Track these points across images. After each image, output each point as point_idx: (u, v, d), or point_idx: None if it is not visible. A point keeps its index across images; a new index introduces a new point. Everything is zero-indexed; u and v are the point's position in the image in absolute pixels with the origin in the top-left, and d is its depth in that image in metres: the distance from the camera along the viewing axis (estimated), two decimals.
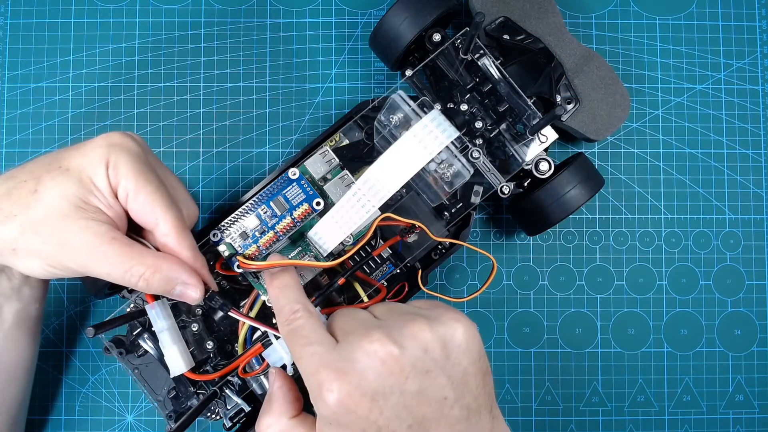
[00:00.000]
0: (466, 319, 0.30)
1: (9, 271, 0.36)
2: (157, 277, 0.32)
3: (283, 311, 0.32)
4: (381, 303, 0.33)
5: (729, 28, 0.47)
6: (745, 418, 0.45)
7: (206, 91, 0.46)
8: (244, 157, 0.46)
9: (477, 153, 0.40)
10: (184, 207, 0.35)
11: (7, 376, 0.38)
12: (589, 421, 0.45)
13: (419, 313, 0.30)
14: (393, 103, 0.37)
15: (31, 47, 0.46)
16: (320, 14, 0.46)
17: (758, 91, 0.47)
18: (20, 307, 0.37)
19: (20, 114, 0.46)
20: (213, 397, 0.37)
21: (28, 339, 0.38)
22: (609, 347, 0.45)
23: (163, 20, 0.46)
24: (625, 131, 0.46)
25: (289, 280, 0.33)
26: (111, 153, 0.32)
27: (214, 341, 0.38)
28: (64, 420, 0.44)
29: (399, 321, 0.29)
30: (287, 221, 0.36)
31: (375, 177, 0.35)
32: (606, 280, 0.46)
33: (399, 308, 0.31)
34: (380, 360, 0.27)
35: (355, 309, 0.32)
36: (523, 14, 0.42)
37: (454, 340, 0.29)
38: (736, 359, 0.46)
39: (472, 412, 0.28)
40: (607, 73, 0.42)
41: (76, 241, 0.31)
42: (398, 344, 0.28)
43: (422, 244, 0.39)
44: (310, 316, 0.31)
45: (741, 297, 0.46)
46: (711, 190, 0.46)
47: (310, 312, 0.31)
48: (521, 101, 0.40)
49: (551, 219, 0.40)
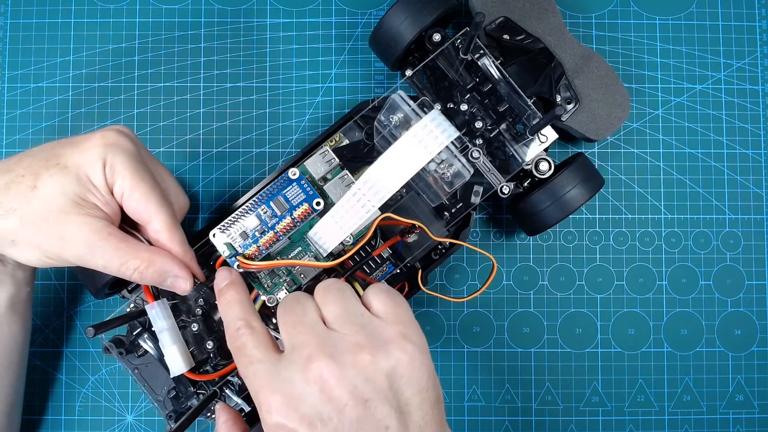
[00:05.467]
0: (416, 345, 0.29)
1: (3, 256, 0.36)
2: (151, 270, 0.34)
3: (228, 328, 0.31)
4: (347, 300, 0.31)
5: (729, 28, 0.47)
6: (745, 418, 0.45)
7: (206, 91, 0.46)
8: (244, 157, 0.46)
9: (477, 153, 0.40)
10: (175, 200, 0.37)
11: (2, 362, 0.38)
12: (589, 421, 0.45)
13: (370, 334, 0.29)
14: (393, 103, 0.37)
15: (31, 47, 0.46)
16: (320, 14, 0.46)
17: (758, 91, 0.47)
18: (14, 290, 0.38)
19: (20, 114, 0.46)
20: (213, 397, 0.37)
21: (21, 323, 0.39)
22: (609, 347, 0.45)
23: (163, 20, 0.46)
24: (625, 131, 0.46)
25: (233, 296, 0.32)
26: (108, 152, 0.33)
27: (214, 341, 0.38)
28: (64, 420, 0.44)
29: (346, 342, 0.28)
30: (287, 221, 0.36)
31: (375, 177, 0.35)
32: (606, 280, 0.46)
33: (355, 317, 0.30)
34: (319, 386, 0.27)
35: (305, 305, 0.30)
36: (523, 14, 0.42)
37: (397, 371, 0.28)
38: (736, 359, 0.46)
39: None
40: (607, 73, 0.42)
41: (75, 236, 0.32)
42: (339, 371, 0.27)
43: (422, 244, 0.39)
44: (252, 333, 0.30)
45: (741, 297, 0.46)
46: (711, 190, 0.46)
47: (252, 328, 0.30)
48: (521, 101, 0.40)
49: (551, 219, 0.40)
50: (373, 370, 0.27)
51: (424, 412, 0.28)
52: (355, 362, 0.27)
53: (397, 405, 0.27)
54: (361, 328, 0.29)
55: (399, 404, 0.28)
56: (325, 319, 0.30)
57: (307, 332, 0.29)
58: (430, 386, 0.29)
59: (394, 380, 0.28)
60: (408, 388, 0.28)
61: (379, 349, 0.28)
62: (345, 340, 0.28)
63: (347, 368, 0.27)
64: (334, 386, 0.27)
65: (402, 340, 0.29)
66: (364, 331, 0.29)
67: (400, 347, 0.28)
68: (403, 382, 0.28)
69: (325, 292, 0.31)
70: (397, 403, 0.28)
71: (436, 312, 0.45)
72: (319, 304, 0.31)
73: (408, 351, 0.28)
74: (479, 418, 0.45)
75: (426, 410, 0.28)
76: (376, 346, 0.28)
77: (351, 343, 0.28)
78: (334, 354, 0.28)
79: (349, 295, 0.31)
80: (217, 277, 0.34)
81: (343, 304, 0.30)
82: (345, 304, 0.30)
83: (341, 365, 0.27)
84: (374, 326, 0.29)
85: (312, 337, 0.28)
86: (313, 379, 0.27)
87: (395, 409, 0.27)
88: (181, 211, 0.38)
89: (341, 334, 0.29)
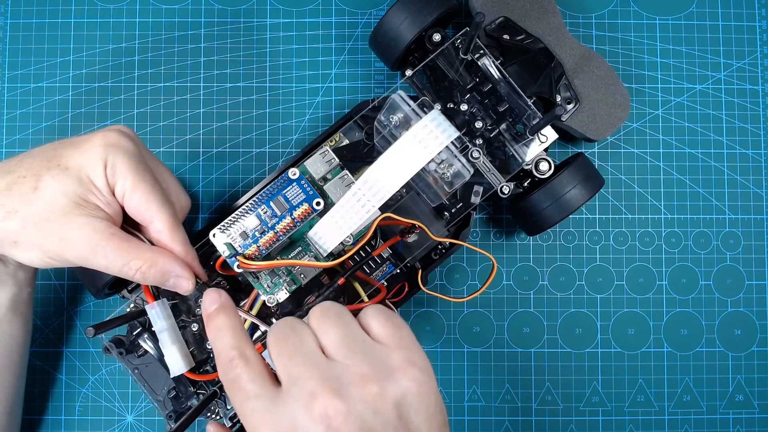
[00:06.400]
0: (423, 370, 0.28)
1: (4, 256, 0.36)
2: (153, 270, 0.34)
3: (219, 358, 0.29)
4: (347, 326, 0.29)
5: (729, 28, 0.47)
6: (745, 418, 0.45)
7: (206, 91, 0.46)
8: (244, 157, 0.46)
9: (477, 153, 0.40)
10: (176, 200, 0.37)
11: (3, 362, 0.38)
12: (589, 421, 0.45)
13: (375, 363, 0.27)
14: (393, 103, 0.37)
15: (31, 47, 0.46)
16: (320, 14, 0.46)
17: (758, 91, 0.47)
18: (15, 291, 0.38)
19: (20, 114, 0.46)
20: (213, 397, 0.37)
21: (22, 323, 0.39)
22: (609, 347, 0.45)
23: (163, 20, 0.46)
24: (625, 131, 0.46)
25: (224, 321, 0.30)
26: (109, 153, 0.33)
27: None
28: (64, 420, 0.44)
29: (350, 373, 0.27)
30: (287, 221, 0.36)
31: (375, 177, 0.35)
32: (606, 280, 0.46)
33: (357, 345, 0.28)
34: (325, 424, 0.25)
35: (301, 333, 0.28)
36: (523, 14, 0.42)
37: (406, 400, 0.27)
38: (736, 359, 0.46)
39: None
40: (607, 73, 0.42)
41: (77, 237, 0.32)
42: (345, 406, 0.26)
43: (422, 244, 0.39)
44: (246, 364, 0.28)
45: (741, 297, 0.46)
46: (711, 190, 0.46)
47: (246, 359, 0.28)
48: (521, 101, 0.40)
49: (551, 219, 0.40)
50: (381, 402, 0.26)
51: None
52: (363, 396, 0.26)
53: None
54: (364, 357, 0.27)
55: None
56: (324, 348, 0.28)
57: (306, 364, 0.27)
58: (437, 411, 0.28)
59: (402, 409, 0.27)
60: (417, 416, 0.27)
61: (386, 378, 0.27)
62: (349, 371, 0.27)
63: (354, 403, 0.26)
64: (342, 423, 0.25)
65: (409, 367, 0.27)
66: (368, 360, 0.27)
67: (407, 375, 0.27)
68: (412, 411, 0.27)
69: (323, 316, 0.29)
70: (406, 431, 0.27)
71: (436, 312, 0.45)
72: (316, 331, 0.29)
73: (416, 378, 0.27)
74: (479, 418, 0.45)
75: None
76: (382, 375, 0.27)
77: (356, 374, 0.27)
78: (339, 388, 0.26)
79: (348, 319, 0.29)
80: (204, 299, 0.31)
81: (343, 330, 0.28)
82: (345, 329, 0.28)
83: (347, 400, 0.26)
84: (378, 353, 0.28)
85: (313, 369, 0.27)
86: (318, 418, 0.25)
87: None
88: (183, 210, 0.38)
89: (344, 365, 0.27)
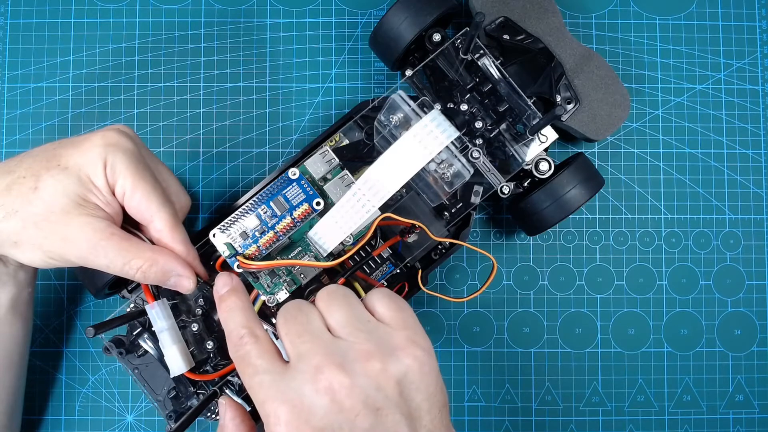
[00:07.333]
0: (425, 350, 0.29)
1: (5, 257, 0.36)
2: (154, 270, 0.34)
3: (230, 337, 0.30)
4: (353, 307, 0.30)
5: (729, 28, 0.47)
6: (745, 418, 0.45)
7: (206, 91, 0.46)
8: (244, 157, 0.46)
9: (477, 153, 0.40)
10: (176, 199, 0.37)
11: (3, 362, 0.38)
12: (589, 421, 0.45)
13: (379, 341, 0.28)
14: (393, 103, 0.37)
15: (31, 47, 0.46)
16: (320, 14, 0.46)
17: (758, 91, 0.47)
18: (16, 291, 0.38)
19: (20, 114, 0.46)
20: (213, 397, 0.37)
21: (22, 323, 0.39)
22: (609, 347, 0.45)
23: (163, 20, 0.46)
24: (625, 131, 0.46)
25: (234, 302, 0.31)
26: (108, 153, 0.33)
27: (214, 341, 0.38)
28: (64, 420, 0.44)
29: (355, 350, 0.28)
30: (287, 221, 0.36)
31: (375, 177, 0.35)
32: (606, 280, 0.46)
33: (362, 324, 0.29)
34: (330, 397, 0.27)
35: (309, 313, 0.30)
36: (523, 14, 0.42)
37: (407, 378, 0.28)
38: (736, 359, 0.46)
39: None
40: (607, 73, 0.42)
41: (78, 237, 0.32)
42: (349, 380, 0.27)
43: (422, 244, 0.39)
44: (256, 342, 0.29)
45: (741, 297, 0.46)
46: (711, 190, 0.46)
47: (256, 336, 0.30)
48: (521, 101, 0.40)
49: (551, 219, 0.40)
50: (384, 378, 0.27)
51: (432, 416, 0.28)
52: (366, 371, 0.27)
53: (407, 411, 0.27)
54: (369, 336, 0.29)
55: (409, 410, 0.28)
56: (330, 327, 0.29)
57: (313, 341, 0.28)
58: (438, 390, 0.29)
59: (404, 387, 0.28)
60: (418, 393, 0.28)
61: (388, 356, 0.28)
62: (353, 348, 0.28)
63: (358, 377, 0.27)
64: (345, 396, 0.27)
65: (411, 346, 0.29)
66: (373, 338, 0.28)
67: (409, 353, 0.28)
68: (413, 388, 0.28)
69: (329, 298, 0.30)
70: (407, 409, 0.28)
71: (436, 312, 0.45)
72: (323, 311, 0.30)
73: (417, 357, 0.28)
74: (479, 418, 0.45)
75: (434, 414, 0.28)
76: (385, 353, 0.28)
77: (360, 351, 0.28)
78: (344, 363, 0.27)
79: (354, 301, 0.30)
80: (216, 282, 0.33)
81: (349, 311, 0.30)
82: (351, 310, 0.30)
83: (351, 375, 0.27)
84: (382, 333, 0.29)
85: (319, 346, 0.28)
86: (323, 390, 0.27)
87: (406, 415, 0.27)
88: (183, 210, 0.38)
89: (349, 342, 0.28)
